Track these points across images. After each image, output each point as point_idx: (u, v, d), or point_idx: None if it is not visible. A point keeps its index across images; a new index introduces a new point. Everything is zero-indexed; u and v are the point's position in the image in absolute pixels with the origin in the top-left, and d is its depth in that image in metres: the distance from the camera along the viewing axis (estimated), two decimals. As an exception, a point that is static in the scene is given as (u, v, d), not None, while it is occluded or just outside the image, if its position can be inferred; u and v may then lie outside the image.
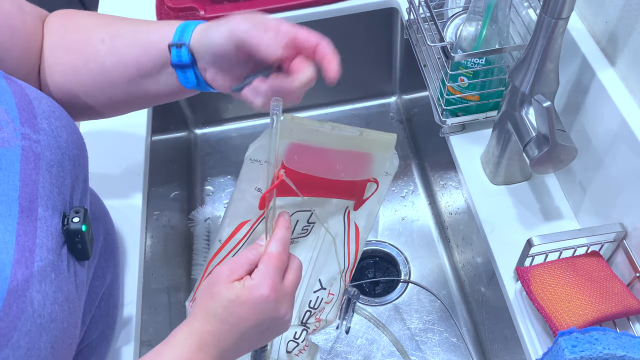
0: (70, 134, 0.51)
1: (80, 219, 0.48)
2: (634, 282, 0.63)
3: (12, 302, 0.39)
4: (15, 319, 0.39)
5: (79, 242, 0.48)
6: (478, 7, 0.70)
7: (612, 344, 0.56)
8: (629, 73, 0.63)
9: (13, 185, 0.43)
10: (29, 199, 0.44)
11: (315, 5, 0.98)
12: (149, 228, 0.80)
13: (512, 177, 0.77)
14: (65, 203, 0.49)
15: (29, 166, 0.45)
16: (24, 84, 0.49)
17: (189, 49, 0.56)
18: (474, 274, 0.86)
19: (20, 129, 0.45)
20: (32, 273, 0.41)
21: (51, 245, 0.45)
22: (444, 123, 0.81)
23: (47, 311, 0.42)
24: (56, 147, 0.48)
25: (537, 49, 0.61)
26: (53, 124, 0.49)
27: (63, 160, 0.49)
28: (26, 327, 0.40)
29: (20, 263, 0.41)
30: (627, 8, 0.61)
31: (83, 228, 0.47)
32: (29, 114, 0.47)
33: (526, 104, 0.66)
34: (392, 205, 1.04)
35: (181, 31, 0.57)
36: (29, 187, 0.44)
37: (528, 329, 0.65)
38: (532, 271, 0.64)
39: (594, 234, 0.65)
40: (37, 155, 0.46)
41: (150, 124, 0.89)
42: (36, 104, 0.48)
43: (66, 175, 0.49)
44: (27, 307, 0.40)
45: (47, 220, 0.45)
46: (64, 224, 0.47)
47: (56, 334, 0.43)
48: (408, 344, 0.89)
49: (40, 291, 0.42)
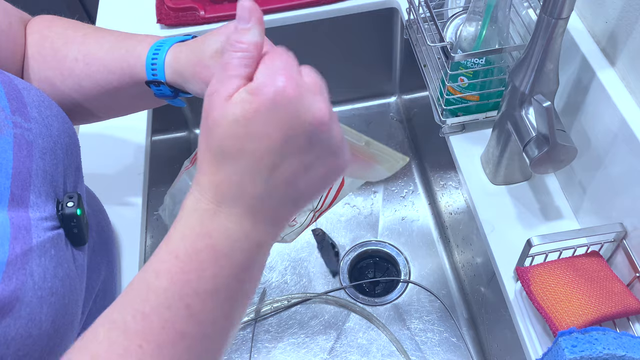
0: (61, 123, 0.51)
1: (74, 204, 0.47)
2: (633, 282, 0.63)
3: (11, 273, 0.39)
4: (16, 289, 0.39)
5: (75, 226, 0.48)
6: (478, 7, 0.70)
7: (612, 344, 0.56)
8: (629, 73, 0.63)
9: (5, 172, 0.43)
10: (21, 186, 0.44)
11: (315, 5, 0.98)
12: (149, 228, 0.80)
13: (512, 177, 0.77)
14: (59, 190, 0.49)
15: (22, 154, 0.45)
16: (12, 75, 0.49)
17: (169, 85, 0.56)
18: (474, 274, 0.86)
19: (12, 117, 0.45)
20: (31, 247, 0.42)
21: (46, 226, 0.45)
22: (444, 123, 0.81)
23: (47, 284, 0.42)
24: (48, 135, 0.48)
25: (537, 49, 0.61)
26: (44, 113, 0.49)
27: (55, 148, 0.49)
28: (27, 298, 0.40)
29: (18, 239, 0.41)
30: (627, 8, 0.61)
31: (78, 212, 0.47)
32: (19, 103, 0.47)
33: (526, 104, 0.66)
34: (392, 205, 1.04)
35: (152, 62, 0.55)
36: (22, 174, 0.44)
37: (528, 329, 0.65)
38: (532, 271, 0.64)
39: (594, 234, 0.65)
40: (29, 143, 0.46)
41: (150, 124, 0.89)
42: (25, 94, 0.48)
43: (59, 163, 0.49)
44: (28, 279, 0.41)
45: (39, 206, 0.45)
46: (58, 209, 0.47)
47: (57, 308, 0.43)
48: (408, 344, 0.89)
49: (41, 265, 0.42)
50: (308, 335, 0.91)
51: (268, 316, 0.93)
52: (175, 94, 0.57)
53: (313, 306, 0.94)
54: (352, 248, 0.99)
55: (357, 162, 0.55)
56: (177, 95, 0.57)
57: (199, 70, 0.52)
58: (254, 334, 0.91)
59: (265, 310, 0.93)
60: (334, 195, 0.63)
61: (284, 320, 0.92)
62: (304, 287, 0.96)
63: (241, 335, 0.92)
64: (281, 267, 0.98)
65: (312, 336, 0.91)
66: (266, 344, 0.90)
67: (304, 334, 0.91)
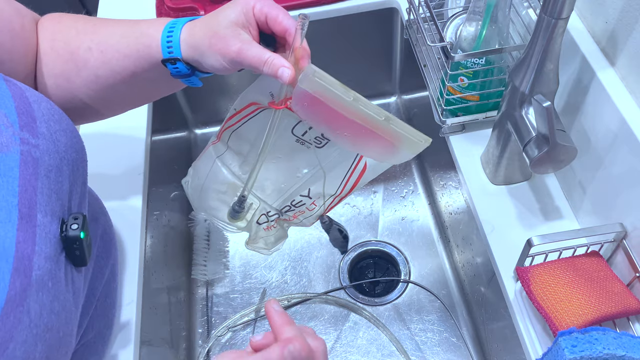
0: (69, 138, 0.50)
1: (78, 226, 0.47)
2: (633, 282, 0.63)
3: (9, 311, 0.39)
4: (12, 328, 0.39)
5: (77, 248, 0.48)
6: (478, 7, 0.70)
7: (612, 344, 0.56)
8: (629, 73, 0.63)
9: (12, 191, 0.42)
10: (28, 204, 0.43)
11: (316, 5, 0.98)
12: (149, 228, 0.80)
13: (512, 177, 0.77)
14: (64, 208, 0.48)
15: (28, 171, 0.44)
16: (23, 86, 0.49)
17: (185, 62, 0.56)
18: (474, 274, 0.86)
19: (19, 134, 0.45)
20: (30, 282, 0.41)
21: (49, 252, 0.44)
22: (444, 123, 0.81)
23: (43, 321, 0.42)
24: (55, 152, 0.48)
25: (537, 49, 0.61)
26: (52, 128, 0.48)
27: (61, 165, 0.48)
28: (22, 337, 0.40)
29: (19, 271, 0.40)
30: (627, 8, 0.61)
31: (81, 235, 0.47)
32: (29, 118, 0.46)
33: (526, 104, 0.66)
34: (392, 205, 1.04)
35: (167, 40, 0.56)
36: (28, 192, 0.44)
37: (528, 329, 0.65)
38: (532, 271, 0.64)
39: (594, 234, 0.65)
40: (35, 160, 0.45)
41: (150, 124, 0.89)
42: (36, 107, 0.48)
43: (64, 180, 0.49)
44: (24, 317, 0.40)
45: (45, 226, 0.44)
46: (62, 230, 0.47)
47: (51, 343, 0.43)
48: (408, 344, 0.89)
49: (38, 301, 0.41)
50: (308, 335, 0.91)
51: (268, 316, 0.93)
52: (192, 72, 0.57)
53: (313, 306, 0.94)
54: (352, 248, 0.99)
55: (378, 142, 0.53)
56: (194, 73, 0.57)
57: (214, 42, 0.53)
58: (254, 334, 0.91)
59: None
60: (355, 180, 0.62)
61: (284, 320, 0.92)
62: (304, 287, 0.96)
63: (241, 335, 0.92)
64: (281, 267, 0.98)
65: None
66: (266, 344, 0.90)
67: (304, 334, 0.91)
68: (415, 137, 0.52)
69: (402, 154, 0.54)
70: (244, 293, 0.96)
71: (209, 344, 0.89)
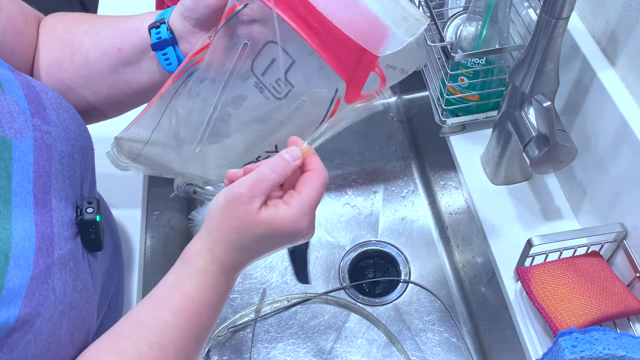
0: (77, 126, 0.51)
1: (94, 210, 0.48)
2: (634, 282, 0.63)
3: (35, 289, 0.40)
4: (39, 305, 0.40)
5: (93, 232, 0.48)
6: (478, 7, 0.70)
7: (612, 344, 0.56)
8: (629, 73, 0.63)
9: (27, 176, 0.43)
10: (42, 190, 0.44)
11: (315, 5, 0.98)
12: (149, 228, 0.80)
13: (512, 177, 0.77)
14: (76, 194, 0.49)
15: (42, 157, 0.45)
16: (28, 77, 0.50)
17: (168, 26, 0.56)
18: (474, 274, 0.86)
19: (31, 120, 0.45)
20: (53, 261, 0.42)
21: (67, 234, 0.45)
22: (444, 123, 0.81)
23: (67, 299, 0.43)
24: (66, 139, 0.48)
25: (537, 49, 0.61)
26: (61, 116, 0.49)
27: (73, 152, 0.49)
28: (48, 314, 0.41)
29: (42, 251, 0.41)
30: (627, 8, 0.61)
31: (97, 218, 0.48)
32: (38, 106, 0.47)
33: (526, 104, 0.66)
34: (392, 205, 1.04)
35: (162, 14, 0.57)
36: (43, 178, 0.44)
37: (528, 329, 0.65)
38: (532, 271, 0.64)
39: (594, 234, 0.64)
40: (48, 147, 0.46)
41: (150, 124, 0.89)
42: (43, 96, 0.49)
43: (76, 166, 0.49)
44: (50, 294, 0.41)
45: (61, 211, 0.45)
46: (77, 214, 0.47)
47: (75, 321, 0.44)
48: (408, 344, 0.89)
49: (61, 279, 0.42)
50: (308, 335, 0.91)
51: (268, 316, 0.92)
52: (171, 42, 0.57)
53: (313, 306, 0.94)
54: (352, 248, 0.99)
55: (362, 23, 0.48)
56: (173, 43, 0.57)
57: None
58: (254, 334, 0.91)
59: (265, 311, 0.93)
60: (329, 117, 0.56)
61: (284, 320, 0.92)
62: (304, 287, 0.96)
63: (241, 335, 0.92)
64: (281, 267, 0.98)
65: (312, 336, 0.90)
66: (266, 344, 0.90)
67: (304, 334, 0.91)
68: (407, 10, 0.45)
69: (397, 38, 0.47)
70: (244, 293, 0.96)
71: (209, 344, 0.89)
